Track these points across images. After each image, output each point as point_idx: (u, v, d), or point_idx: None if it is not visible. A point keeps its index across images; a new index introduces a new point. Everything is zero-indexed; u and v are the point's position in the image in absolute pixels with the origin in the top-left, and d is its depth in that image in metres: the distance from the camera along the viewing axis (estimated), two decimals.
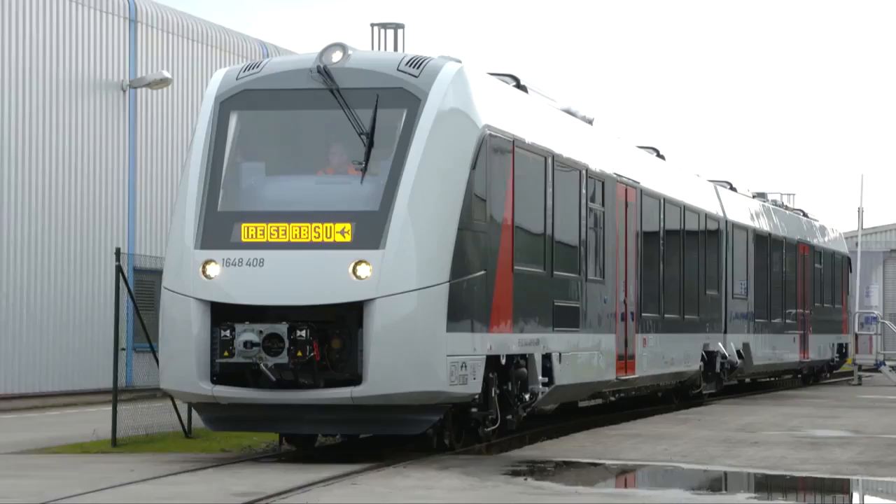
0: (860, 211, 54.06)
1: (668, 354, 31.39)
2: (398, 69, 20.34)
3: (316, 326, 19.19)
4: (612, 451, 21.74)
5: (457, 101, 20.26)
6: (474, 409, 21.17)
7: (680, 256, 32.89)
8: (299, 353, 18.99)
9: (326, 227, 19.47)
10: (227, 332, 19.22)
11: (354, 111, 19.95)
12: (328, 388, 19.37)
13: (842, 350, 50.45)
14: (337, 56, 20.48)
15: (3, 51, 32.44)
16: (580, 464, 20.23)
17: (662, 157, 34.12)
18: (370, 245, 19.26)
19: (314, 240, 19.47)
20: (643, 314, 29.60)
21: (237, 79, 20.78)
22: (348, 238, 19.37)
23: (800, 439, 24.41)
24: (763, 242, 40.36)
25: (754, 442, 23.79)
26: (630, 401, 32.48)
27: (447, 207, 19.72)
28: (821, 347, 46.85)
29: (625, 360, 28.33)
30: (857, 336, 50.88)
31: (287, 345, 18.93)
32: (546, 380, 23.54)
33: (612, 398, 30.14)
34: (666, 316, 31.36)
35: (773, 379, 45.39)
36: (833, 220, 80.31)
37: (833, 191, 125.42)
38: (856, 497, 18.72)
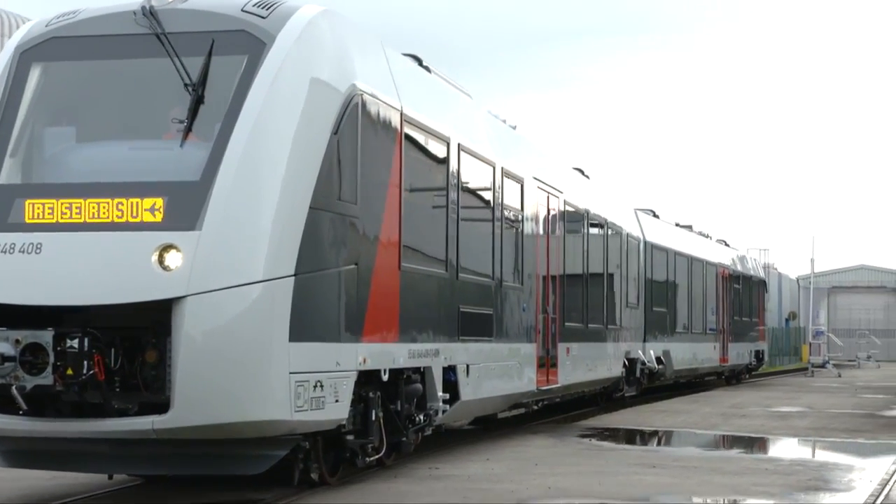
0: (812, 261, 63.31)
1: (591, 362, 22.41)
2: (242, 10, 11.25)
3: (102, 334, 10.07)
4: (648, 422, 22.40)
5: (316, 49, 11.18)
6: (350, 437, 11.82)
7: (604, 269, 23.60)
8: (69, 371, 9.60)
9: (133, 204, 10.29)
10: None
11: (183, 59, 10.76)
12: (127, 418, 10.04)
13: (759, 356, 44.39)
14: None
15: None
16: (626, 430, 20.76)
17: (587, 177, 24.81)
18: (183, 226, 10.18)
19: (117, 219, 10.31)
20: (567, 323, 20.30)
21: (46, 26, 11.55)
22: (159, 217, 10.05)
23: (772, 413, 25.34)
24: (684, 263, 33.26)
25: (743, 415, 24.43)
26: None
27: (295, 180, 10.59)
28: (740, 353, 40.59)
29: (546, 369, 19.04)
30: (810, 344, 55.72)
31: (52, 359, 9.53)
32: (447, 396, 14.09)
33: (535, 407, 20.82)
34: (590, 325, 22.02)
35: (697, 380, 38.30)
36: (791, 265, 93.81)
37: (796, 245, 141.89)
38: (809, 448, 18.79)
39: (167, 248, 10.03)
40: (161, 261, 10.03)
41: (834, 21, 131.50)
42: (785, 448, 18.50)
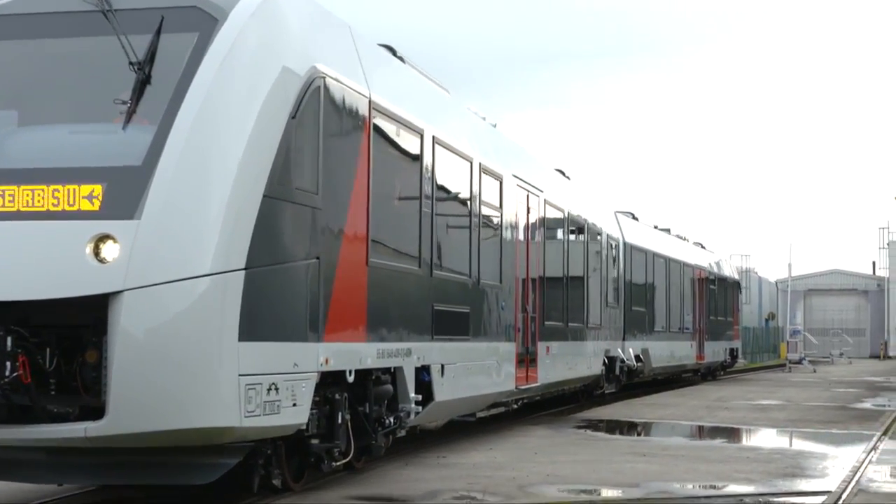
0: (789, 265, 65.38)
1: (571, 361, 21.04)
2: None
3: (36, 333, 8.55)
4: (638, 414, 22.42)
5: (272, 27, 9.72)
6: (315, 441, 10.39)
7: (583, 269, 22.18)
8: None
9: (69, 191, 8.85)
10: None
11: (130, 37, 9.29)
12: (59, 424, 8.59)
13: (733, 353, 42.98)
14: None
15: None
16: (618, 421, 20.84)
17: (568, 178, 23.39)
18: (122, 214, 8.73)
19: (52, 208, 8.86)
20: (546, 322, 18.88)
21: None
22: (96, 205, 8.61)
23: (753, 406, 25.43)
24: (662, 264, 31.92)
25: (726, 408, 24.57)
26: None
27: (247, 166, 9.13)
28: (715, 351, 39.23)
29: (526, 368, 17.64)
30: (787, 342, 55.58)
31: None
32: (420, 397, 12.68)
33: (515, 405, 19.44)
34: (570, 324, 20.62)
35: (674, 377, 36.94)
36: (770, 270, 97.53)
37: (775, 251, 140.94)
38: (787, 438, 18.59)
39: (103, 238, 8.61)
40: (97, 252, 8.60)
41: (810, 33, 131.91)
42: (765, 438, 18.49)
